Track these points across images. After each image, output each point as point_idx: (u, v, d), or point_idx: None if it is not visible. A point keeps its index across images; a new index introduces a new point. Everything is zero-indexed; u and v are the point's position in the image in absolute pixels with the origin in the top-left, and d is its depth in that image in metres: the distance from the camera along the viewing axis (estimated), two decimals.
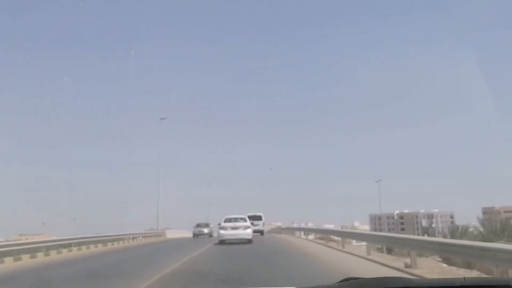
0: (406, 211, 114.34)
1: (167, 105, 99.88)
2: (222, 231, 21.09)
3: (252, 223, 23.48)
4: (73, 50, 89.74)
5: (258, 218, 32.91)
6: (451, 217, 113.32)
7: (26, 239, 23.81)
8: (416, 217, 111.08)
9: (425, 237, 15.07)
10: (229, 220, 21.70)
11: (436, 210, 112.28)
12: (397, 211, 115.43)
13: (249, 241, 20.37)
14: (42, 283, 9.89)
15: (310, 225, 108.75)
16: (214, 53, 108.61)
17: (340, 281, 2.12)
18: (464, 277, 1.97)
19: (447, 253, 10.11)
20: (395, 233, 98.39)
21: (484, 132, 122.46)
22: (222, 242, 20.63)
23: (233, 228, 21.03)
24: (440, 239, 16.07)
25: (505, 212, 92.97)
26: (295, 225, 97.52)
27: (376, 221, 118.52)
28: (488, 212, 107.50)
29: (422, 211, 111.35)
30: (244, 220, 22.07)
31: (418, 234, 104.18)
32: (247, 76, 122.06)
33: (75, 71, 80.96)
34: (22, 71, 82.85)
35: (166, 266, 10.96)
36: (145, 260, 15.16)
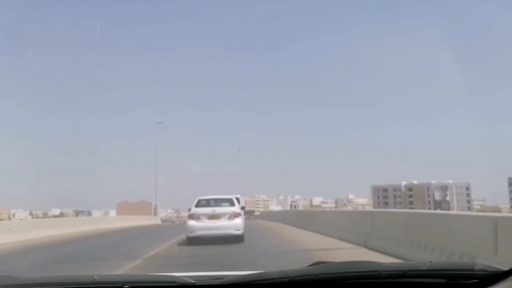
0: (415, 182, 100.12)
1: None
2: (192, 222, 13.79)
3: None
4: None
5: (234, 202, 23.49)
6: (467, 189, 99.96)
7: None
8: (428, 189, 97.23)
9: None
10: (205, 203, 14.38)
11: (450, 181, 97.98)
12: (405, 182, 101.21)
13: (238, 238, 13.51)
14: None
15: (297, 197, 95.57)
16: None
17: (310, 265, 2.12)
18: (430, 261, 2.01)
19: None
20: (403, 207, 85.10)
21: None
22: (193, 240, 13.51)
23: (212, 217, 13.80)
24: None
25: None
26: (281, 198, 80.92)
27: (380, 193, 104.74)
28: None
29: (434, 182, 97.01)
30: (230, 202, 14.64)
31: (430, 209, 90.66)
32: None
33: None
34: None
35: None
36: None
